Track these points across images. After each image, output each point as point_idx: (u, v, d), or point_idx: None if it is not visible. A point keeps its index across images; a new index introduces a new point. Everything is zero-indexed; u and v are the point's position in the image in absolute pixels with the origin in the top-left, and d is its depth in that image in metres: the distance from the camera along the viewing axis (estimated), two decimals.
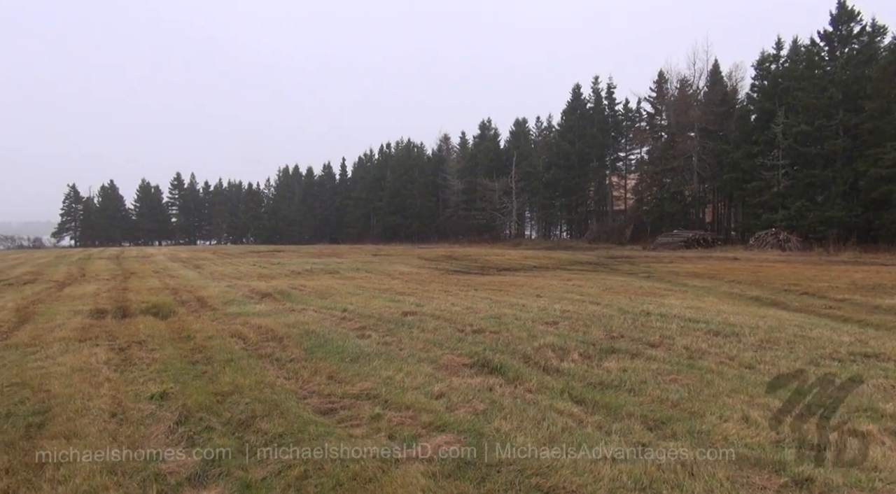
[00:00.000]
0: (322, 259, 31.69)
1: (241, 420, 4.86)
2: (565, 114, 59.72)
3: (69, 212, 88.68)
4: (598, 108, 57.35)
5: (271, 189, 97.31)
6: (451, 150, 79.95)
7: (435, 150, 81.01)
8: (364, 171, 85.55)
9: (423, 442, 4.27)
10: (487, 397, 5.39)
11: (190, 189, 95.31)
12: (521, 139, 67.71)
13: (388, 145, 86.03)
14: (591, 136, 55.45)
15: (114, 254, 39.52)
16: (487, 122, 73.39)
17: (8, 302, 13.08)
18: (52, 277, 20.76)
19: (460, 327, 8.98)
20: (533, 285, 16.40)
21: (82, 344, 8.00)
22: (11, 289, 16.31)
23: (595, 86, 57.76)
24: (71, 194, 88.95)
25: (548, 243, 55.85)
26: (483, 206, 63.95)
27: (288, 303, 12.24)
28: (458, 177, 70.31)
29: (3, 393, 5.63)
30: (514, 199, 62.60)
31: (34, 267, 27.13)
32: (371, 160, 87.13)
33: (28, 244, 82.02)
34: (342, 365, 6.63)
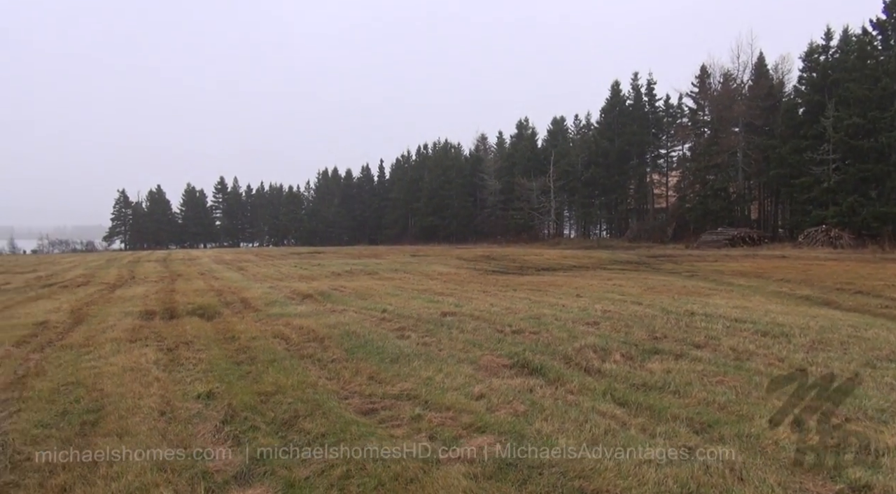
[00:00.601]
0: (361, 260, 32.02)
1: (284, 420, 4.94)
2: (604, 111, 58.92)
3: (119, 217, 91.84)
4: (637, 105, 56.39)
5: (311, 192, 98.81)
6: (488, 150, 79.76)
7: (472, 150, 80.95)
8: (402, 173, 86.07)
9: (463, 443, 4.27)
10: (528, 398, 5.35)
11: (233, 192, 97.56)
12: (559, 138, 67.13)
13: (425, 146, 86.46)
14: (630, 134, 54.54)
15: (161, 257, 40.76)
16: (524, 122, 73.01)
17: (63, 303, 13.61)
18: (103, 279, 21.53)
19: (499, 328, 8.94)
20: (572, 285, 16.22)
21: (133, 345, 8.26)
22: (66, 291, 16.97)
23: (634, 83, 56.84)
24: (121, 199, 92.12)
25: (587, 242, 55.21)
26: (521, 206, 63.57)
27: (328, 304, 12.40)
28: (496, 176, 70.07)
29: (60, 392, 5.86)
30: (553, 198, 62.04)
31: (87, 269, 28.19)
32: (408, 161, 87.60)
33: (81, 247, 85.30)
34: (382, 366, 6.68)
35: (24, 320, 10.89)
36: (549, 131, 69.92)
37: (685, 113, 54.49)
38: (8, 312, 12.31)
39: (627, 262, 27.59)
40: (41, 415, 5.10)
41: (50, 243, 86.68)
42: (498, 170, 70.46)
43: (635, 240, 50.21)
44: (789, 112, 42.19)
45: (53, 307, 12.97)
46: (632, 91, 57.02)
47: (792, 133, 40.56)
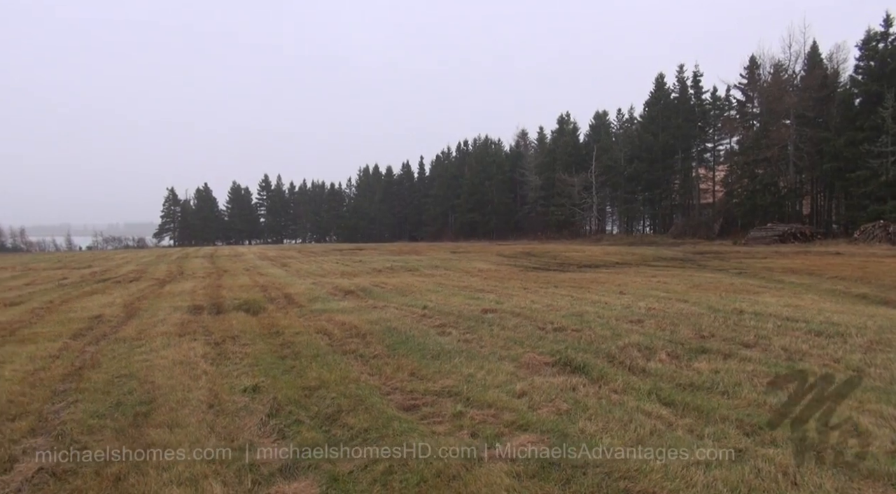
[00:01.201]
0: (402, 256, 32.22)
1: (327, 415, 5.00)
2: (648, 105, 57.73)
3: (168, 214, 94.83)
4: (683, 98, 55.02)
5: (352, 189, 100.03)
6: (528, 146, 79.20)
7: (512, 146, 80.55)
8: (442, 169, 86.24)
9: (505, 441, 4.24)
10: (571, 397, 5.28)
11: (277, 190, 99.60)
12: (601, 132, 66.09)
13: (465, 143, 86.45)
14: (675, 127, 53.28)
15: (208, 253, 41.89)
16: (566, 116, 72.12)
17: (116, 298, 14.12)
18: (154, 275, 22.25)
19: (541, 325, 8.86)
20: (615, 282, 15.96)
21: (182, 339, 8.51)
22: (119, 287, 17.60)
23: (680, 75, 55.44)
24: (170, 197, 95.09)
25: (630, 239, 54.22)
26: (562, 202, 62.93)
27: (370, 300, 12.52)
28: (537, 172, 69.53)
29: (114, 384, 6.07)
30: (595, 194, 61.20)
31: (138, 265, 29.19)
32: (449, 158, 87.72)
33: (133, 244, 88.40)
34: (423, 362, 6.70)
35: (80, 314, 11.34)
36: (591, 126, 68.91)
37: (733, 105, 52.89)
38: (66, 306, 12.84)
39: (672, 259, 27.00)
40: (97, 406, 5.30)
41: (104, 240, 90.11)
42: (539, 166, 69.89)
43: (680, 236, 49.09)
44: (845, 103, 40.51)
45: (107, 301, 13.47)
46: (677, 83, 55.67)
47: (847, 124, 38.94)
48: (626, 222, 65.57)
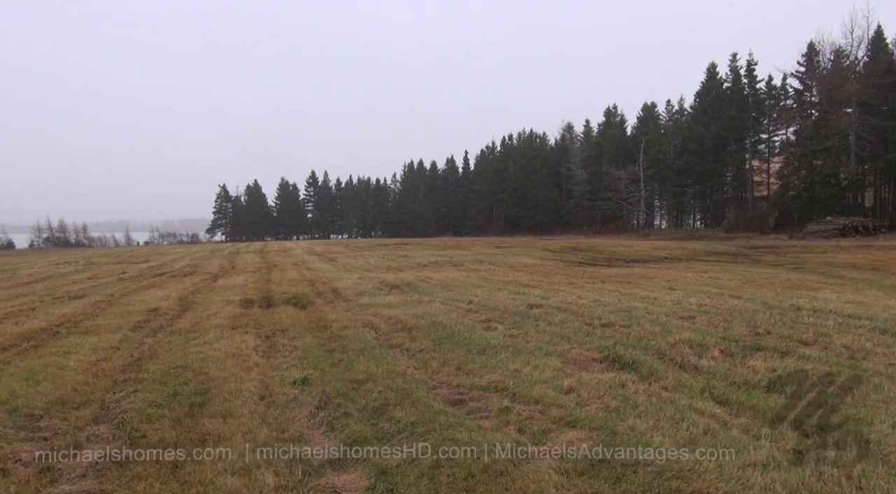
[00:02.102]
0: (446, 251, 32.29)
1: (375, 408, 5.05)
2: (699, 95, 56.15)
3: (220, 210, 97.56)
4: (736, 87, 53.24)
5: (397, 184, 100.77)
6: (574, 139, 78.15)
7: (558, 140, 79.63)
8: (486, 164, 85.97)
9: (553, 438, 4.20)
10: (620, 394, 5.19)
11: (323, 186, 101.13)
12: (649, 124, 64.62)
13: (510, 137, 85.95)
14: (728, 118, 51.64)
15: (258, 248, 42.93)
16: (613, 109, 70.84)
17: (172, 292, 14.62)
18: (207, 270, 22.94)
19: (588, 320, 8.74)
20: (664, 277, 15.61)
21: (234, 332, 8.74)
22: (174, 281, 18.21)
23: (733, 65, 53.65)
24: (221, 193, 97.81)
25: (679, 233, 52.94)
26: (609, 196, 61.90)
27: (415, 295, 12.59)
28: (582, 166, 68.58)
29: (170, 375, 6.28)
30: (643, 188, 59.94)
31: (192, 260, 30.14)
32: (493, 152, 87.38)
33: (187, 239, 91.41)
34: (469, 357, 6.69)
35: (138, 307, 11.78)
36: (639, 118, 67.48)
37: (790, 94, 50.91)
38: (125, 299, 13.37)
39: (724, 254, 26.22)
40: (154, 396, 5.49)
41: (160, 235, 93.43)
42: (585, 160, 68.91)
43: (732, 230, 47.62)
44: None
45: (163, 295, 13.95)
46: (730, 73, 53.92)
47: None
48: (675, 216, 64.02)
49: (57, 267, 27.05)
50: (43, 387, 5.80)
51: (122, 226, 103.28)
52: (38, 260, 35.76)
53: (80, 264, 28.70)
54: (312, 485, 3.62)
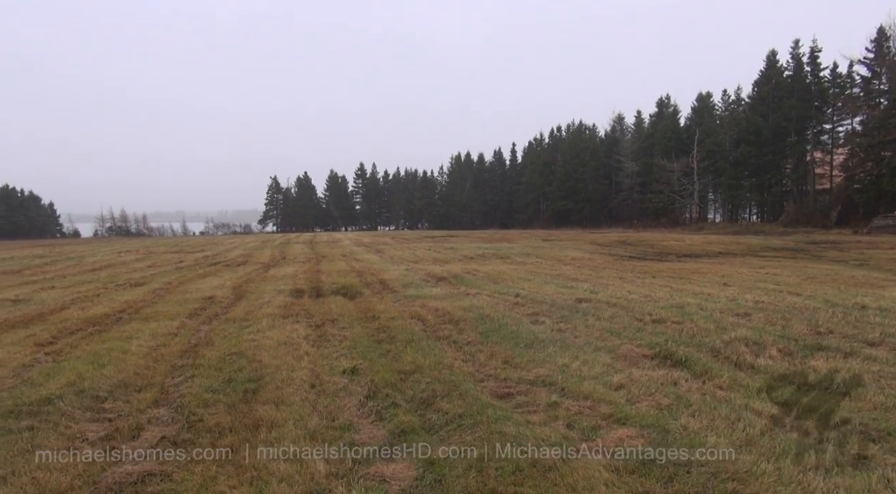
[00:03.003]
0: (493, 244, 32.19)
1: (422, 399, 5.09)
2: (757, 84, 54.01)
3: (272, 202, 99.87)
4: (798, 76, 50.95)
5: (444, 176, 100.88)
6: (625, 131, 76.52)
7: (608, 131, 78.13)
8: (534, 156, 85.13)
9: (603, 434, 4.14)
10: (672, 391, 5.07)
11: (372, 178, 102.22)
12: (704, 115, 62.60)
13: (558, 128, 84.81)
14: (788, 108, 49.53)
15: (308, 239, 43.76)
16: (665, 99, 68.91)
17: (226, 281, 15.06)
18: (259, 260, 23.54)
19: (638, 316, 8.58)
20: (718, 273, 15.15)
21: (285, 321, 8.94)
22: (228, 270, 18.76)
23: (795, 52, 51.32)
24: (273, 185, 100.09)
25: (734, 227, 51.22)
26: (660, 189, 60.39)
27: (462, 287, 12.60)
28: (633, 158, 67.07)
29: (225, 361, 6.48)
30: (696, 180, 58.27)
31: (245, 250, 30.98)
32: (541, 144, 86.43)
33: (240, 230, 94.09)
34: (517, 350, 6.66)
35: (194, 295, 12.19)
36: (693, 108, 65.37)
37: (856, 82, 48.34)
38: (182, 287, 13.86)
39: (782, 249, 25.27)
40: (210, 381, 5.68)
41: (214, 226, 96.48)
42: (635, 152, 67.40)
43: (791, 224, 45.79)
44: None
45: (218, 284, 14.39)
46: (791, 61, 51.60)
47: None
48: (730, 210, 62.00)
49: (119, 255, 28.26)
50: (107, 370, 6.08)
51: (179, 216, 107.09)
52: (101, 248, 37.43)
53: (140, 253, 29.89)
54: (362, 473, 3.68)
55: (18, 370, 6.28)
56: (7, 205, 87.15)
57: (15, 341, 7.79)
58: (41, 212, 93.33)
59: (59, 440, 4.27)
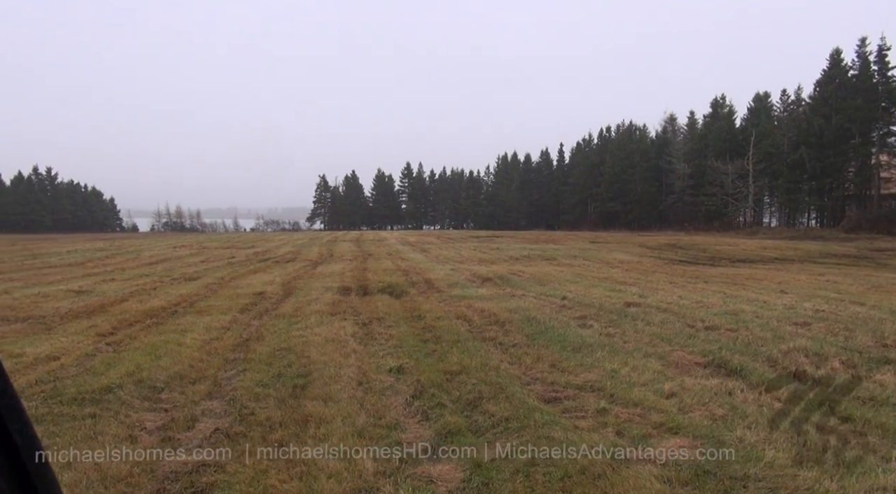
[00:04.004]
0: (539, 245, 31.93)
1: (468, 400, 5.07)
2: (819, 84, 51.92)
3: (320, 200, 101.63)
4: (864, 75, 48.69)
5: (490, 176, 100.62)
6: (677, 132, 74.72)
7: (659, 132, 76.38)
8: (582, 157, 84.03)
9: (654, 443, 4.03)
10: (727, 401, 4.91)
11: (418, 177, 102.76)
12: (761, 116, 60.52)
13: (607, 129, 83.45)
14: (852, 109, 47.39)
15: (354, 238, 44.34)
16: (720, 99, 66.91)
17: (276, 277, 15.40)
18: (307, 257, 23.98)
19: (690, 322, 8.36)
20: (775, 279, 14.64)
21: (333, 318, 9.08)
22: (278, 267, 19.18)
23: (861, 50, 49.05)
24: (321, 184, 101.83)
25: (792, 232, 49.37)
26: (713, 192, 58.75)
27: (508, 288, 12.54)
28: (685, 160, 65.41)
29: (275, 356, 6.62)
30: (751, 183, 56.42)
31: (294, 247, 31.62)
32: (589, 145, 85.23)
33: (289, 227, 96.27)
34: (564, 354, 6.58)
35: (246, 290, 12.51)
36: (750, 109, 63.30)
37: None
38: (234, 283, 14.23)
39: (844, 256, 24.22)
40: (261, 376, 5.80)
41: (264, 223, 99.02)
42: (688, 153, 65.72)
43: (853, 230, 43.80)
44: None
45: (268, 280, 14.73)
46: (857, 59, 49.37)
47: None
48: (787, 214, 59.82)
49: (174, 250, 29.25)
50: (163, 362, 6.29)
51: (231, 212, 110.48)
52: (157, 243, 38.83)
53: (194, 248, 30.87)
54: (409, 473, 3.69)
55: (81, 359, 6.56)
56: (72, 199, 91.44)
57: (78, 331, 8.15)
58: (103, 207, 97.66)
59: (120, 428, 4.44)
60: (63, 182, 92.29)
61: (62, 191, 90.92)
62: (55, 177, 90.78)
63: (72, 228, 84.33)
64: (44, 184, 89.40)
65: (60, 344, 7.24)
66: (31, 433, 0.72)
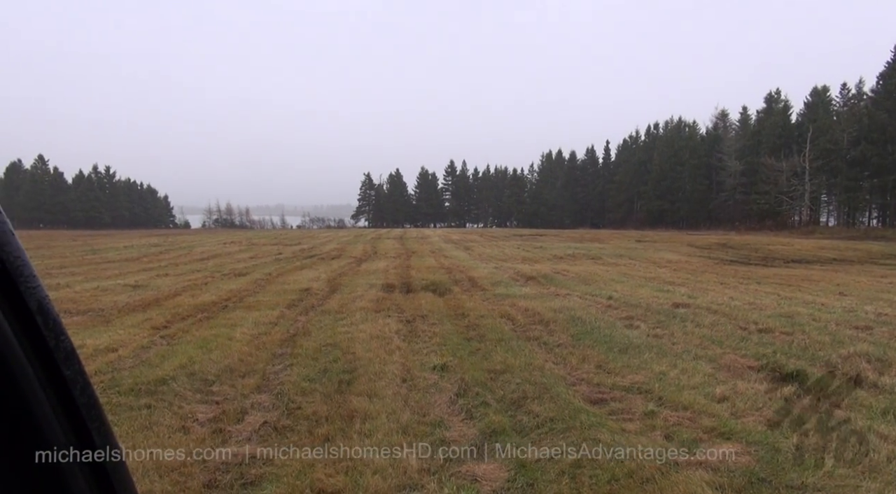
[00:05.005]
0: (583, 244, 31.53)
1: (513, 400, 5.04)
2: (882, 77, 49.66)
3: (364, 197, 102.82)
4: None
5: (534, 174, 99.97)
6: (728, 128, 72.54)
7: (709, 128, 74.31)
8: (628, 154, 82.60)
9: (705, 448, 3.92)
10: (782, 407, 4.73)
11: (461, 175, 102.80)
12: (818, 111, 58.15)
13: (655, 125, 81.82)
14: None
15: (398, 235, 44.73)
16: (775, 94, 64.61)
17: (321, 274, 15.65)
18: (351, 254, 24.30)
19: (742, 324, 8.11)
20: (833, 281, 14.07)
21: (377, 315, 9.16)
22: (323, 263, 19.50)
23: None
24: (366, 181, 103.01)
25: (851, 232, 47.34)
26: (766, 189, 56.83)
27: (552, 287, 12.42)
28: (737, 157, 63.47)
29: (321, 352, 6.72)
30: (807, 181, 54.34)
31: (339, 244, 32.09)
32: (636, 142, 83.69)
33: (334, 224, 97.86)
34: (610, 355, 6.48)
35: (292, 286, 12.75)
36: (806, 103, 60.86)
37: None
38: (281, 279, 14.53)
39: None
40: (308, 371, 5.90)
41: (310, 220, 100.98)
42: (740, 150, 63.77)
43: None
44: None
45: (314, 276, 14.98)
46: None
47: None
48: (846, 213, 57.38)
49: (224, 246, 30.08)
50: (214, 355, 6.46)
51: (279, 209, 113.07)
52: (208, 239, 40.00)
53: (243, 244, 31.68)
54: (453, 471, 3.69)
55: (137, 351, 6.80)
56: (129, 197, 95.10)
57: (134, 324, 8.46)
58: (157, 204, 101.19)
59: (174, 419, 4.58)
60: (120, 180, 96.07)
61: (120, 189, 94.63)
62: (113, 175, 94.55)
63: (128, 225, 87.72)
64: (102, 182, 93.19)
65: (118, 336, 7.53)
66: (109, 432, 0.74)
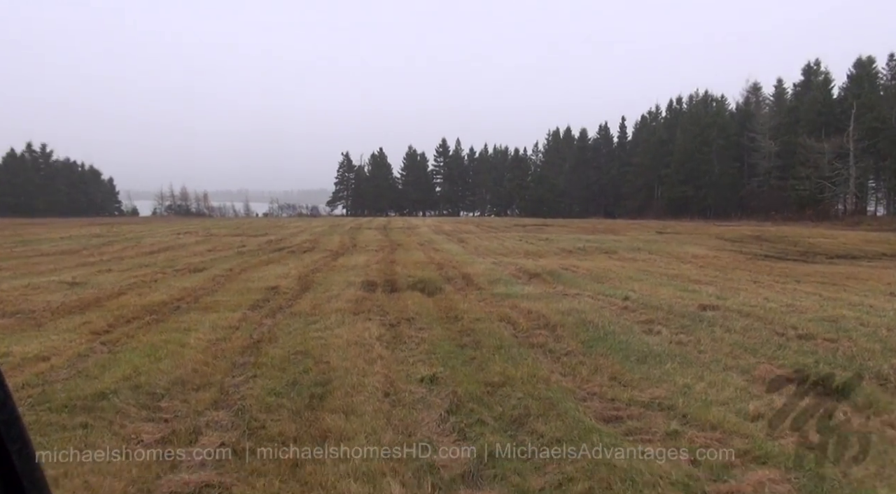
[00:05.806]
0: (596, 235, 31.60)
1: (513, 417, 4.99)
2: None
3: (342, 181, 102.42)
4: None
5: (539, 155, 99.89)
6: (761, 103, 72.84)
7: (740, 104, 74.58)
8: (647, 133, 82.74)
9: (738, 475, 3.89)
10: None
11: (455, 156, 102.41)
12: (864, 84, 58.43)
13: (678, 100, 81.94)
14: None
15: (381, 225, 44.64)
16: (814, 65, 64.94)
17: (291, 269, 15.57)
18: (327, 246, 24.21)
19: (779, 330, 8.11)
20: (883, 279, 14.15)
21: (356, 317, 9.10)
22: (294, 257, 19.41)
23: None
24: (344, 162, 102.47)
25: None
26: (805, 174, 57.12)
27: (559, 286, 12.40)
28: (771, 136, 63.77)
29: (290, 361, 6.65)
30: (852, 164, 54.66)
31: (312, 235, 31.98)
32: (657, 119, 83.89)
33: (306, 212, 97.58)
34: (626, 365, 6.45)
35: (257, 284, 12.66)
36: (850, 76, 61.07)
37: None
38: (245, 275, 14.44)
39: None
40: (273, 383, 5.83)
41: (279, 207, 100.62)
42: (774, 128, 64.04)
43: None
44: None
45: (283, 272, 14.89)
46: None
47: None
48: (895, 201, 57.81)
49: (178, 237, 29.91)
50: (164, 365, 6.37)
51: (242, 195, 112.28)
52: (160, 228, 39.77)
53: (200, 235, 31.51)
54: None
55: (74, 360, 6.70)
56: (68, 179, 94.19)
57: (71, 328, 8.35)
58: (101, 189, 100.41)
59: (114, 440, 4.49)
60: (58, 160, 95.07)
61: (57, 171, 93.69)
62: (49, 155, 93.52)
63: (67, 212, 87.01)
64: (37, 162, 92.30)
65: (51, 342, 7.42)
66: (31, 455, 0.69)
